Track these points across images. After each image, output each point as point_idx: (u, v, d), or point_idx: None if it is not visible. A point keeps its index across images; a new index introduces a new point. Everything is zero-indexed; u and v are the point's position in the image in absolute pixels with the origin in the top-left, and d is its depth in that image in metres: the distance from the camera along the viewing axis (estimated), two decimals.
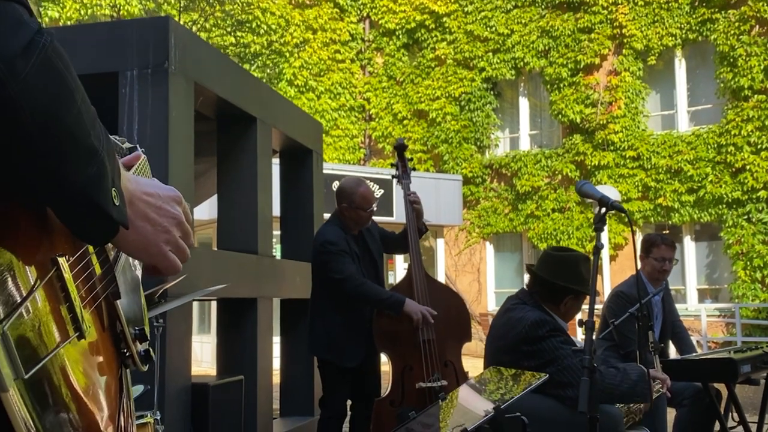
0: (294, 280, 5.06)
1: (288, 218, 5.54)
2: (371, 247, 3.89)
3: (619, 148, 13.32)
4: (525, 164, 14.10)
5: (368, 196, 3.78)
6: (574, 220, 13.57)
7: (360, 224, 3.80)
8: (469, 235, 14.77)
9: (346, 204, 3.77)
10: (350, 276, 3.62)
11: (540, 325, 2.76)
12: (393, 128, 15.06)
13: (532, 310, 2.87)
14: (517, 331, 2.81)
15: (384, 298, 3.60)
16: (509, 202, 14.36)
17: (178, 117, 3.62)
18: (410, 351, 3.64)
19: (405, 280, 3.82)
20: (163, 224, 0.86)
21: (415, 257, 3.78)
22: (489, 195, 14.54)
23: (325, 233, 3.81)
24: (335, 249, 3.67)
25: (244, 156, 4.57)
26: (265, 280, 4.63)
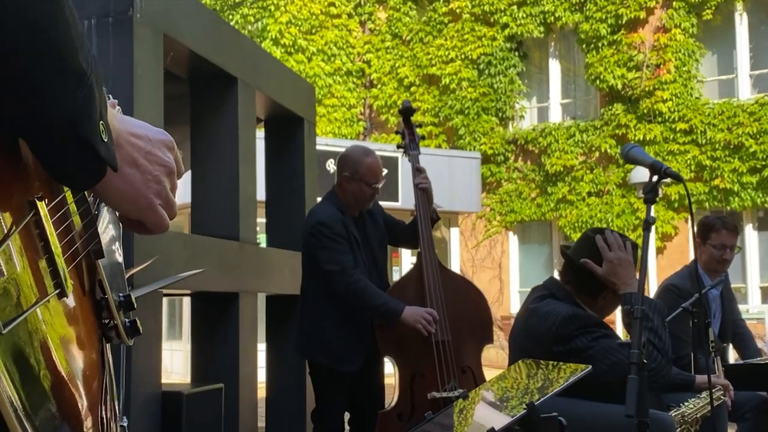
0: (282, 272, 5.08)
1: (275, 200, 5.55)
2: (370, 233, 3.90)
3: (668, 120, 13.31)
4: (556, 139, 14.10)
5: (376, 168, 3.79)
6: (614, 206, 13.58)
7: (361, 203, 3.81)
8: (489, 224, 14.79)
9: (349, 173, 3.78)
10: (344, 269, 3.63)
11: (573, 321, 2.79)
12: (398, 96, 15.05)
13: (561, 303, 2.89)
14: (545, 328, 2.83)
15: (377, 305, 3.62)
16: (537, 185, 14.36)
17: (145, 76, 3.63)
18: (421, 355, 3.66)
19: (414, 270, 3.83)
20: (154, 172, 0.87)
21: (426, 243, 3.80)
22: (513, 176, 14.54)
23: (318, 213, 3.82)
24: (329, 233, 3.68)
25: (222, 125, 4.58)
26: (249, 272, 4.65)
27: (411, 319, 3.57)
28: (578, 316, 2.81)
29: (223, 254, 4.38)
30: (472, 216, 14.68)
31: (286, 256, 5.15)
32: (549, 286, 3.01)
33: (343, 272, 3.62)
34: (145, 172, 0.87)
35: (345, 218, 3.77)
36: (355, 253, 3.74)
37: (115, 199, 0.85)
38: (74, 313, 0.82)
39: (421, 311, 3.61)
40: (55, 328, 0.76)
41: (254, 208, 4.80)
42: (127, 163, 0.85)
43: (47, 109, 0.68)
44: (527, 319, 2.98)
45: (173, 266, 3.76)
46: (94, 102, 0.73)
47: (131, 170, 0.85)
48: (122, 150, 0.84)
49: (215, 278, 4.25)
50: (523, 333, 2.96)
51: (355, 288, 3.62)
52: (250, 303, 4.64)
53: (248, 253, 4.65)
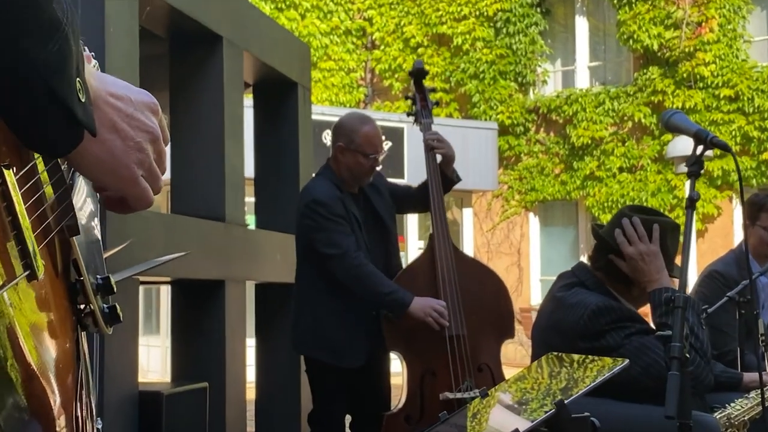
0: (273, 257, 5.10)
1: (265, 176, 5.56)
2: (378, 208, 3.91)
3: (711, 86, 13.27)
4: (583, 107, 14.07)
5: (373, 138, 3.79)
6: (649, 183, 13.57)
7: (358, 177, 3.81)
8: (507, 204, 14.79)
9: (343, 143, 3.79)
10: (345, 252, 3.63)
11: (603, 314, 2.79)
12: (403, 59, 15.01)
13: (591, 293, 2.89)
14: (571, 322, 2.83)
15: (383, 293, 3.63)
16: (561, 159, 14.35)
17: (118, 34, 3.62)
18: (432, 350, 3.68)
19: (425, 254, 3.84)
20: (136, 139, 0.86)
21: (439, 223, 3.80)
22: (534, 149, 14.53)
23: (312, 190, 3.83)
24: (326, 212, 3.68)
25: (206, 90, 4.57)
26: (236, 257, 4.66)
27: (420, 312, 3.58)
28: (609, 309, 2.81)
29: (206, 237, 4.38)
30: (487, 195, 14.67)
31: (278, 239, 5.16)
32: (577, 273, 3.01)
33: (344, 256, 3.63)
34: (127, 138, 0.85)
35: (343, 195, 3.77)
36: (356, 235, 3.74)
37: (92, 169, 0.84)
38: (46, 297, 0.82)
39: (432, 302, 3.61)
40: (25, 314, 0.75)
41: (242, 185, 4.80)
42: (106, 128, 0.84)
43: (15, 62, 0.67)
44: (552, 311, 2.98)
45: (150, 250, 3.77)
46: (70, 56, 0.72)
47: (111, 136, 0.84)
48: (101, 113, 0.83)
49: (198, 264, 4.26)
50: (547, 327, 2.97)
51: (358, 273, 3.62)
52: (238, 292, 4.65)
53: (235, 235, 4.65)
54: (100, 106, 0.83)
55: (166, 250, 3.86)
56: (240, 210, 4.81)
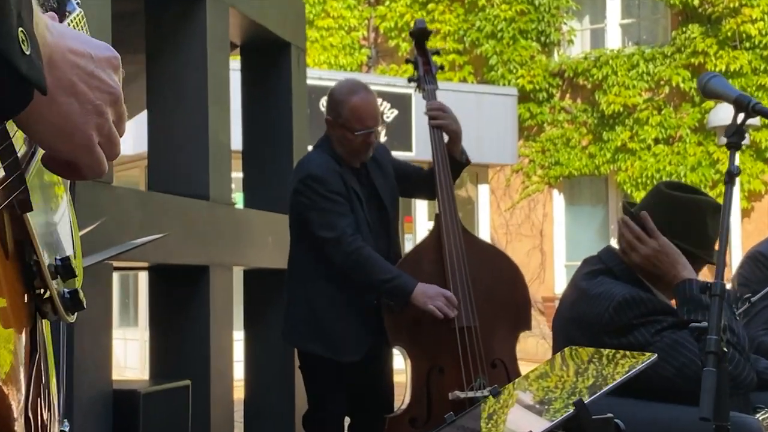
0: (264, 240, 5.11)
1: (255, 148, 5.57)
2: (378, 186, 3.91)
3: (758, 46, 13.22)
4: (614, 71, 14.03)
5: (362, 111, 3.75)
6: (688, 156, 13.55)
7: (351, 154, 3.81)
8: (528, 180, 14.78)
9: (331, 117, 3.80)
10: (342, 236, 3.64)
11: (631, 306, 2.79)
12: (411, 16, 14.95)
13: (618, 282, 2.89)
14: (595, 315, 2.83)
15: (383, 279, 3.64)
16: (589, 129, 14.32)
17: None
18: (440, 344, 3.69)
19: (431, 237, 3.85)
20: (95, 101, 0.85)
21: (446, 202, 3.81)
22: (558, 118, 14.50)
23: (308, 164, 3.83)
24: (322, 190, 3.69)
25: (187, 52, 4.58)
26: (222, 240, 4.67)
27: (421, 299, 3.59)
28: (638, 301, 2.80)
29: (188, 217, 4.40)
30: (506, 170, 14.66)
31: (269, 219, 5.17)
32: (604, 259, 3.01)
33: (341, 239, 3.64)
34: (86, 100, 0.85)
35: (342, 169, 3.77)
36: (357, 214, 3.75)
37: (46, 134, 0.83)
38: None
39: (438, 290, 3.62)
40: None
41: (228, 158, 4.81)
42: (63, 89, 0.83)
43: None
44: (574, 302, 2.99)
45: (125, 231, 3.78)
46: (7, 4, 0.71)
47: (67, 98, 0.83)
48: (58, 71, 0.82)
49: (179, 247, 4.28)
50: (569, 319, 2.97)
51: (357, 258, 3.63)
52: (224, 279, 4.67)
53: (221, 215, 4.66)
54: (58, 64, 0.82)
55: (143, 231, 3.88)
56: (226, 187, 4.82)
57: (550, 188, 14.76)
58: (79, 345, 3.56)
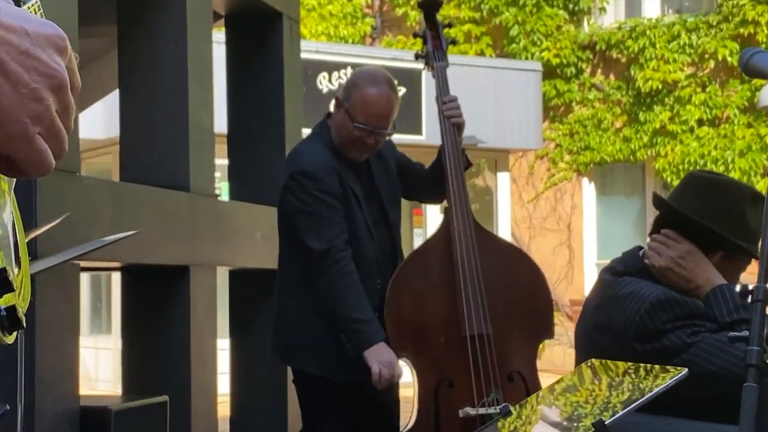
0: (252, 236, 5.12)
1: (242, 132, 5.57)
2: (380, 182, 3.92)
3: None
4: (651, 42, 14.00)
5: (373, 105, 3.74)
6: (736, 139, 13.52)
7: (343, 145, 3.80)
8: (554, 167, 14.76)
9: (341, 95, 3.80)
10: (330, 249, 3.64)
11: (665, 308, 2.80)
12: None
13: (648, 282, 2.90)
14: (625, 318, 2.84)
15: (351, 318, 3.65)
16: (624, 110, 14.30)
17: None
18: (448, 354, 3.71)
19: (439, 233, 3.87)
20: (32, 85, 0.84)
21: (457, 193, 3.83)
22: (588, 97, 14.47)
23: (301, 156, 3.83)
24: (315, 189, 3.69)
25: (164, 23, 4.58)
26: (204, 236, 4.69)
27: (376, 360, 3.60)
28: (673, 302, 2.81)
29: (166, 210, 4.41)
30: (528, 155, 14.65)
31: (258, 213, 5.18)
32: (627, 262, 3.03)
33: (328, 253, 3.64)
34: (19, 83, 0.83)
35: (340, 164, 3.77)
36: (356, 215, 3.76)
37: None
38: None
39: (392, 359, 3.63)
40: None
41: (211, 144, 4.82)
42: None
43: None
44: (599, 305, 3.00)
45: (94, 227, 3.80)
46: None
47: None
48: None
49: (155, 245, 4.29)
50: (593, 325, 2.98)
51: (334, 280, 3.63)
52: (207, 281, 4.68)
53: (203, 208, 4.68)
54: None
55: (115, 227, 3.89)
56: (209, 176, 4.83)
57: (579, 176, 14.73)
58: (41, 355, 3.56)
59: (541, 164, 14.78)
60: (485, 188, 14.21)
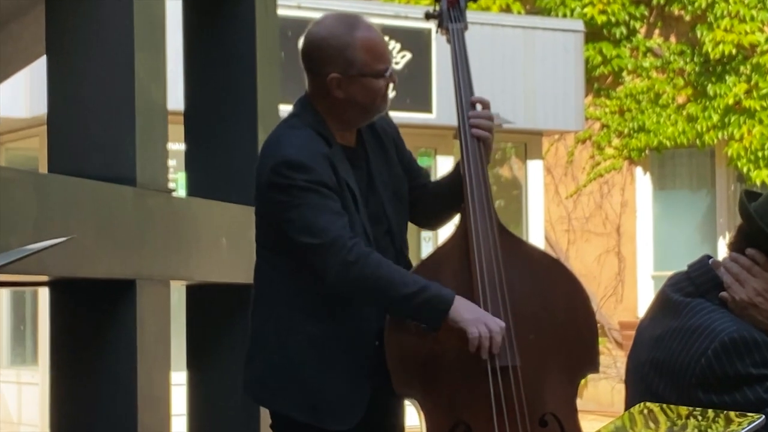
0: (215, 243, 5.12)
1: (202, 110, 5.57)
2: (379, 181, 3.92)
3: None
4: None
5: (377, 43, 3.80)
6: None
7: (371, 109, 3.83)
8: (599, 154, 14.76)
9: (339, 72, 3.77)
10: (337, 239, 3.63)
11: (737, 351, 2.79)
12: None
13: (722, 312, 2.89)
14: (689, 357, 2.83)
15: (410, 292, 3.63)
16: (688, 81, 14.30)
17: None
18: (466, 392, 3.72)
19: (455, 238, 3.88)
20: None
21: (476, 189, 3.83)
22: (643, 65, 14.48)
23: (283, 144, 3.82)
24: (304, 180, 3.69)
25: None
26: (154, 243, 4.68)
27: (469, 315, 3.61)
28: (751, 343, 2.79)
29: (106, 210, 4.40)
30: (567, 139, 14.66)
31: (222, 212, 5.18)
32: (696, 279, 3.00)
33: (336, 243, 3.62)
34: None
35: (332, 151, 3.78)
36: (352, 217, 3.75)
37: None
38: None
39: (484, 314, 3.65)
40: None
41: (164, 125, 4.81)
42: None
43: None
44: (663, 334, 2.98)
45: (15, 232, 3.79)
46: None
47: None
48: None
49: (92, 254, 4.29)
50: (648, 362, 2.96)
51: (363, 268, 3.61)
52: (157, 298, 4.68)
53: (153, 207, 4.67)
54: None
55: (41, 231, 3.89)
56: (161, 166, 4.82)
57: (630, 166, 14.74)
58: None
59: (583, 150, 14.78)
60: (512, 180, 14.22)
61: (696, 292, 2.96)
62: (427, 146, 12.80)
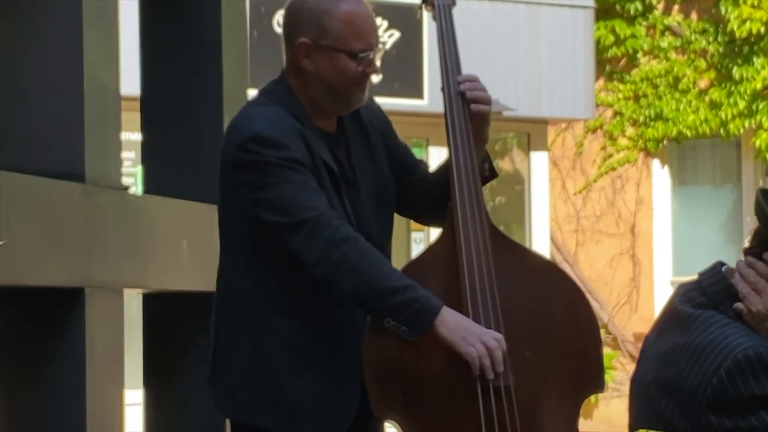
0: (175, 246, 5.12)
1: (161, 97, 5.57)
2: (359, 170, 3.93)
3: None
4: None
5: (362, 21, 3.81)
6: None
7: (340, 97, 3.83)
8: (612, 145, 14.80)
9: (309, 38, 3.79)
10: (320, 216, 3.65)
11: (752, 369, 2.79)
12: None
13: (738, 325, 2.89)
14: (699, 377, 2.83)
15: (393, 287, 3.64)
16: (711, 63, 14.34)
17: None
18: (453, 416, 3.73)
19: (441, 242, 3.90)
20: None
21: (465, 185, 3.84)
22: (661, 45, 14.51)
23: (252, 119, 3.84)
24: (275, 156, 3.69)
25: None
26: (107, 247, 4.67)
27: (461, 333, 3.61)
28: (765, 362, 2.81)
29: (52, 210, 4.39)
30: (576, 128, 14.70)
31: (185, 212, 5.18)
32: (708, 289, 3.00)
33: (319, 220, 3.64)
34: None
35: (308, 131, 3.78)
36: (332, 200, 3.76)
37: None
38: None
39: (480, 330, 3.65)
40: None
41: (116, 113, 4.80)
42: None
43: None
44: (670, 350, 2.98)
45: None
46: None
47: None
48: None
49: (36, 260, 4.27)
50: (657, 377, 2.97)
51: (349, 250, 3.63)
52: (109, 309, 4.67)
53: (105, 207, 4.66)
54: None
55: None
56: (113, 159, 4.82)
57: (647, 158, 14.79)
58: None
59: (593, 140, 14.83)
60: (514, 175, 14.25)
61: (708, 303, 2.96)
62: (418, 136, 12.83)
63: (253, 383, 3.83)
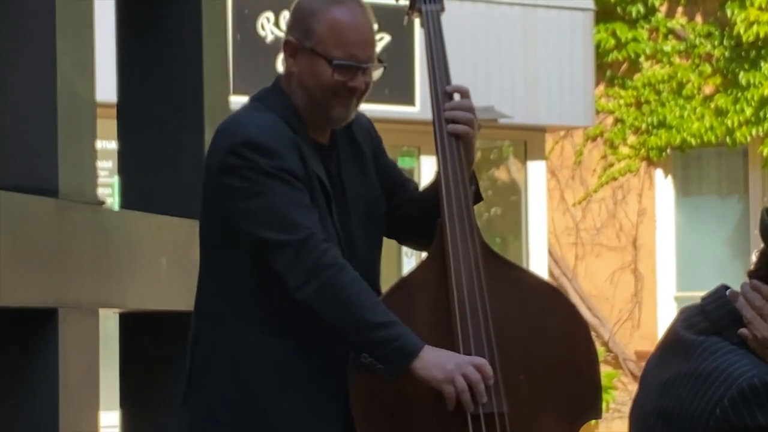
0: (153, 263, 5.11)
1: (138, 108, 5.57)
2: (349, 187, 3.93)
3: None
4: None
5: (348, 30, 3.80)
6: None
7: (319, 105, 3.83)
8: (613, 154, 14.80)
9: (296, 36, 3.81)
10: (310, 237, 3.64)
11: (757, 399, 2.79)
12: None
13: (742, 352, 2.89)
14: (702, 407, 2.83)
15: (374, 322, 3.63)
16: (715, 68, 14.34)
17: None
18: None
19: (430, 261, 3.89)
20: None
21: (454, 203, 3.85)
22: (664, 48, 14.52)
23: (243, 124, 3.83)
24: (267, 164, 3.68)
25: None
26: (81, 265, 4.67)
27: (438, 373, 3.61)
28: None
29: (23, 226, 4.39)
30: (575, 136, 14.70)
31: (163, 228, 5.18)
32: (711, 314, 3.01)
33: (307, 243, 3.63)
34: None
35: (301, 141, 3.79)
36: (324, 218, 3.76)
37: None
38: None
39: (464, 360, 3.64)
40: None
41: (91, 123, 4.80)
42: None
43: None
44: (671, 379, 2.99)
45: None
46: None
47: None
48: None
49: (6, 279, 4.27)
50: (657, 406, 2.97)
51: (335, 276, 3.62)
52: (84, 330, 4.67)
53: (80, 223, 4.66)
54: None
55: None
56: (88, 172, 4.82)
57: (649, 167, 14.80)
58: None
59: (593, 149, 14.84)
60: (510, 185, 14.25)
61: (711, 328, 2.95)
62: (410, 144, 12.81)
63: (233, 405, 3.82)
